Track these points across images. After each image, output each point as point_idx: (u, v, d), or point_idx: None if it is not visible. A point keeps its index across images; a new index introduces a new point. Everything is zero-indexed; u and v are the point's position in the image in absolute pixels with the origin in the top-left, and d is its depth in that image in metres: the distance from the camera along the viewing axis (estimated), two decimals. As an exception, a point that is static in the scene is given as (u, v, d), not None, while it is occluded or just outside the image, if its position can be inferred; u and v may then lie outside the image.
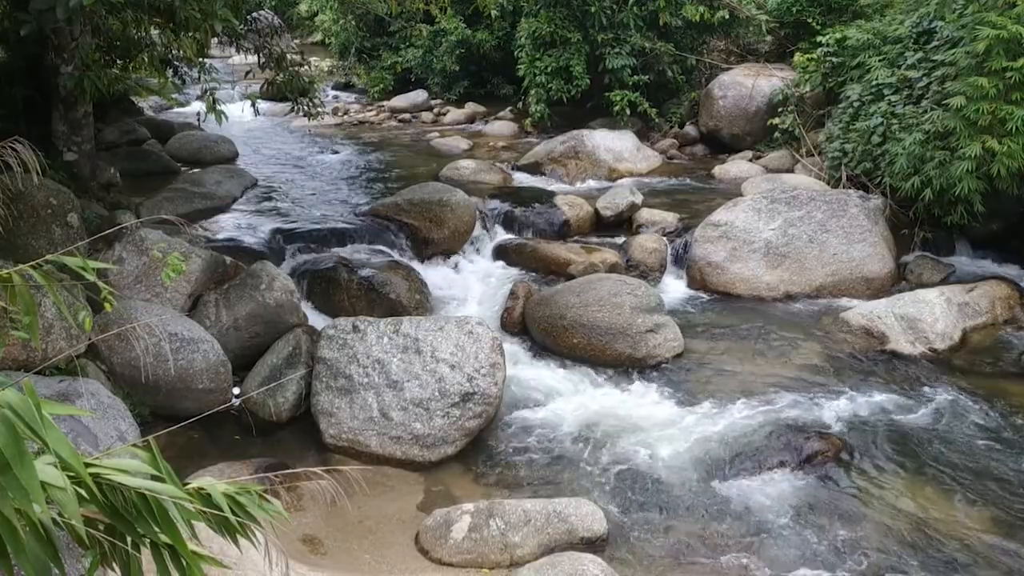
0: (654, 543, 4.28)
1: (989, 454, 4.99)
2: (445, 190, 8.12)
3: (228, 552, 2.73)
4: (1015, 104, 6.66)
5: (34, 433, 1.35)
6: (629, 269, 7.60)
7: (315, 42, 21.18)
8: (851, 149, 8.60)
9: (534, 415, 5.50)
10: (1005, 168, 6.68)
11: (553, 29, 12.02)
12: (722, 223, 7.64)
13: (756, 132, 11.06)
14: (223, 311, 5.70)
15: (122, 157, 9.20)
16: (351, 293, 6.59)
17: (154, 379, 4.95)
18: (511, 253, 7.93)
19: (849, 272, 7.37)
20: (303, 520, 4.32)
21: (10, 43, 6.73)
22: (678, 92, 12.58)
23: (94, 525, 1.55)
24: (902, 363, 6.14)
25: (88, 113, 7.09)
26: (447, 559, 4.10)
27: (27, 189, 5.16)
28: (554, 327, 6.32)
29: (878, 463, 4.91)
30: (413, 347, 5.22)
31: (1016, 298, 7.02)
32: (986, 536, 4.30)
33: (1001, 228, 7.70)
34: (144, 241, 5.73)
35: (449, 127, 13.68)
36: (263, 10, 7.69)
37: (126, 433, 4.26)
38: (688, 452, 5.02)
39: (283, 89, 7.58)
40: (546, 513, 4.20)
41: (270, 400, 5.32)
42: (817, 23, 11.38)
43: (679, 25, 12.00)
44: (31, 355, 4.55)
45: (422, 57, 15.16)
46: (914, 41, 8.60)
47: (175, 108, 13.64)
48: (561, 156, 10.51)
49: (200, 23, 5.77)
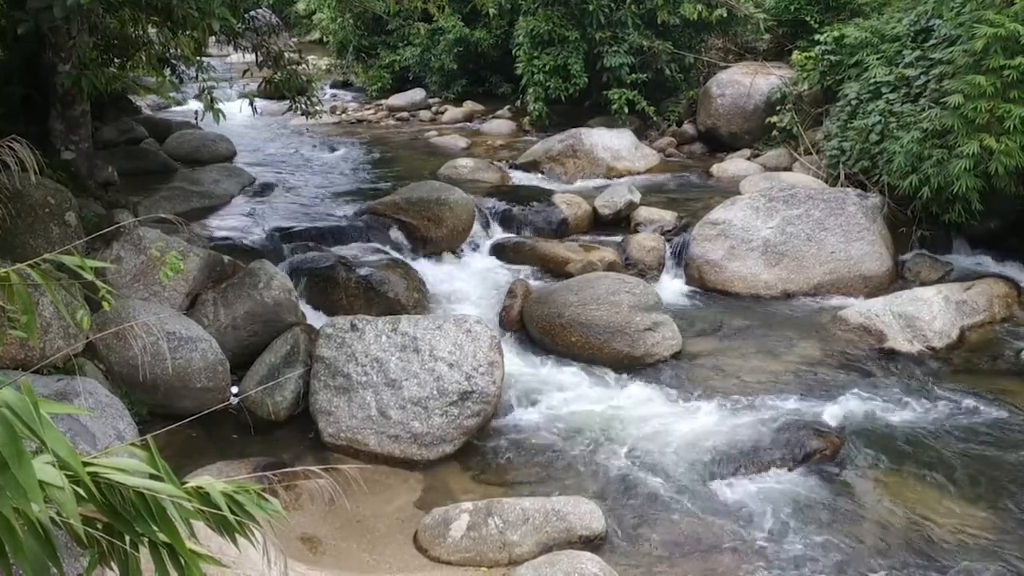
0: (652, 541, 4.28)
1: (987, 452, 4.99)
2: (443, 188, 8.12)
3: (227, 551, 2.73)
4: (1013, 102, 6.67)
5: (32, 432, 1.35)
6: (627, 267, 7.60)
7: (313, 40, 21.14)
8: (849, 147, 8.61)
9: (532, 414, 5.50)
10: (1003, 166, 6.68)
11: (551, 27, 12.01)
12: (720, 221, 7.64)
13: (754, 130, 11.06)
14: (221, 310, 5.69)
15: (120, 156, 9.18)
16: (349, 292, 6.59)
17: (152, 378, 4.95)
18: (509, 251, 7.93)
19: (847, 270, 7.37)
20: (302, 519, 4.32)
21: (7, 42, 6.71)
22: (676, 91, 12.58)
23: (92, 524, 1.55)
24: (900, 361, 6.14)
25: (86, 112, 7.08)
26: (445, 558, 4.11)
27: (24, 188, 5.15)
28: (552, 326, 6.32)
29: (876, 461, 4.91)
30: (411, 346, 5.22)
31: (1014, 296, 7.03)
32: (984, 534, 4.31)
33: (999, 226, 7.70)
34: (142, 240, 5.72)
35: (447, 125, 13.67)
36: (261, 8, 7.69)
37: (124, 432, 4.26)
38: (686, 450, 5.02)
39: (281, 88, 7.57)
40: (544, 511, 4.21)
41: (268, 399, 5.32)
42: (815, 21, 11.38)
43: (677, 23, 12.00)
44: (29, 354, 4.55)
45: (420, 55, 15.15)
46: (912, 39, 8.60)
47: (173, 107, 13.62)
48: (559, 155, 10.50)
49: (198, 22, 5.76)
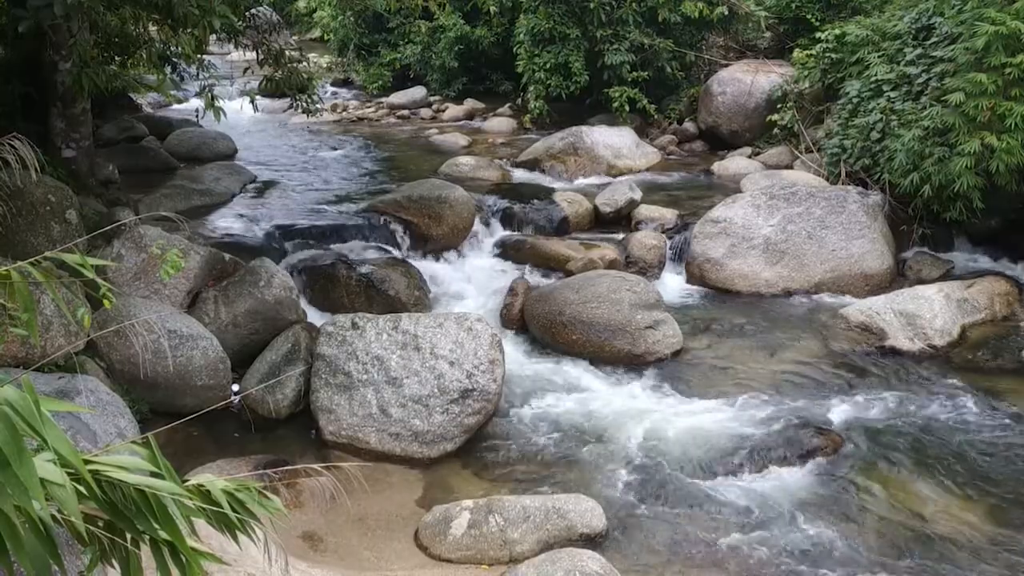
0: (653, 539, 4.29)
1: (988, 450, 5.00)
2: (444, 186, 8.12)
3: (228, 549, 2.73)
4: (1014, 100, 6.66)
5: (33, 430, 1.35)
6: (628, 265, 7.59)
7: (314, 38, 21.13)
8: (850, 145, 8.60)
9: (533, 412, 5.50)
10: (1004, 164, 6.68)
11: (552, 25, 11.99)
12: (721, 219, 7.64)
13: (755, 128, 11.04)
14: (222, 308, 5.70)
15: (120, 154, 9.19)
16: (350, 290, 6.59)
17: (153, 376, 4.95)
18: (510, 249, 7.93)
19: (848, 268, 7.37)
20: (302, 517, 4.32)
21: (8, 40, 6.71)
22: (677, 88, 12.56)
23: (93, 522, 1.55)
24: (901, 359, 6.14)
25: (86, 110, 7.08)
26: (446, 555, 4.11)
27: (25, 186, 5.15)
28: (553, 323, 6.32)
29: (877, 459, 4.91)
30: (412, 344, 5.22)
31: (1015, 294, 7.03)
32: (984, 531, 4.31)
33: (1000, 224, 7.69)
34: (143, 238, 5.72)
35: (448, 124, 13.65)
36: (261, 6, 7.68)
37: (125, 430, 4.26)
38: (687, 448, 5.02)
39: (282, 86, 7.58)
40: (545, 509, 4.21)
41: (269, 397, 5.32)
42: (816, 19, 11.36)
43: (678, 21, 11.98)
44: (30, 352, 4.55)
45: (421, 54, 15.13)
46: (913, 37, 8.59)
47: (173, 105, 13.61)
48: (560, 152, 10.49)
49: (198, 20, 5.76)
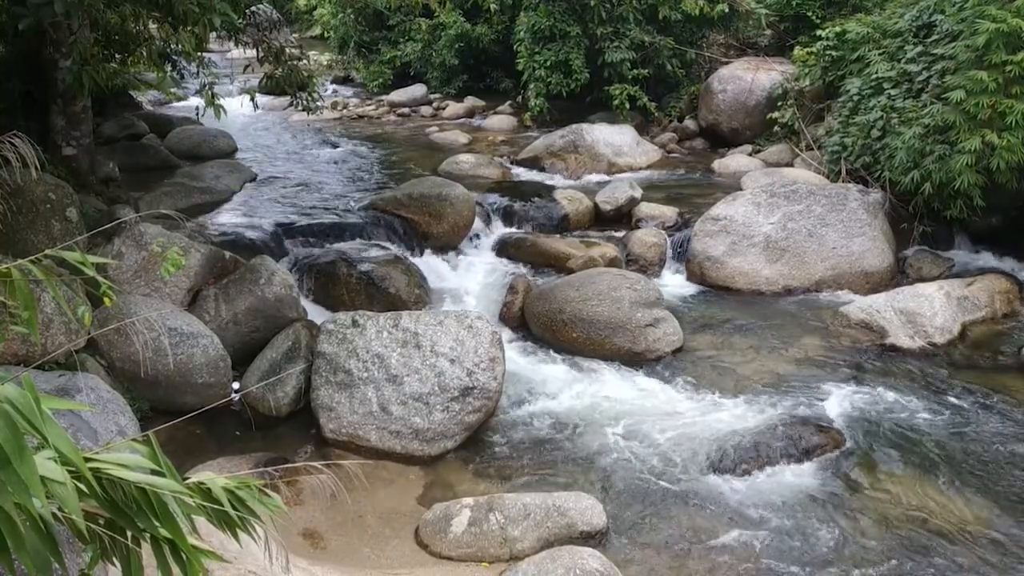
0: (653, 536, 4.29)
1: (988, 448, 5.00)
2: (444, 184, 8.13)
3: (228, 547, 2.74)
4: (1015, 98, 6.66)
5: (34, 428, 1.35)
6: (628, 263, 7.60)
7: (314, 36, 21.13)
8: (851, 143, 8.60)
9: (533, 409, 5.50)
10: (1005, 162, 6.68)
11: (552, 23, 12.00)
12: (721, 217, 7.63)
13: (755, 126, 11.04)
14: (222, 306, 5.70)
15: (121, 152, 9.19)
16: (350, 287, 6.59)
17: (154, 374, 4.95)
18: (510, 247, 7.93)
19: (848, 266, 7.37)
20: (303, 514, 4.32)
21: (8, 37, 6.71)
22: (677, 86, 12.56)
23: (94, 520, 1.55)
24: (901, 357, 6.14)
25: (86, 108, 7.08)
26: (447, 553, 4.11)
27: (26, 184, 5.16)
28: (553, 321, 6.32)
29: (877, 457, 4.92)
30: (413, 341, 5.22)
31: (1015, 292, 7.03)
32: (984, 529, 4.31)
33: (1000, 222, 7.69)
34: (143, 236, 5.72)
35: (448, 121, 13.66)
36: (262, 4, 7.67)
37: (126, 428, 4.26)
38: (687, 446, 5.03)
39: (282, 83, 7.57)
40: (545, 507, 4.21)
41: (270, 395, 5.32)
42: (817, 17, 11.37)
43: (678, 19, 11.99)
44: (30, 350, 4.55)
45: (421, 51, 15.14)
46: (914, 35, 8.58)
47: (174, 102, 13.62)
48: (560, 150, 10.50)
49: (199, 17, 5.76)
